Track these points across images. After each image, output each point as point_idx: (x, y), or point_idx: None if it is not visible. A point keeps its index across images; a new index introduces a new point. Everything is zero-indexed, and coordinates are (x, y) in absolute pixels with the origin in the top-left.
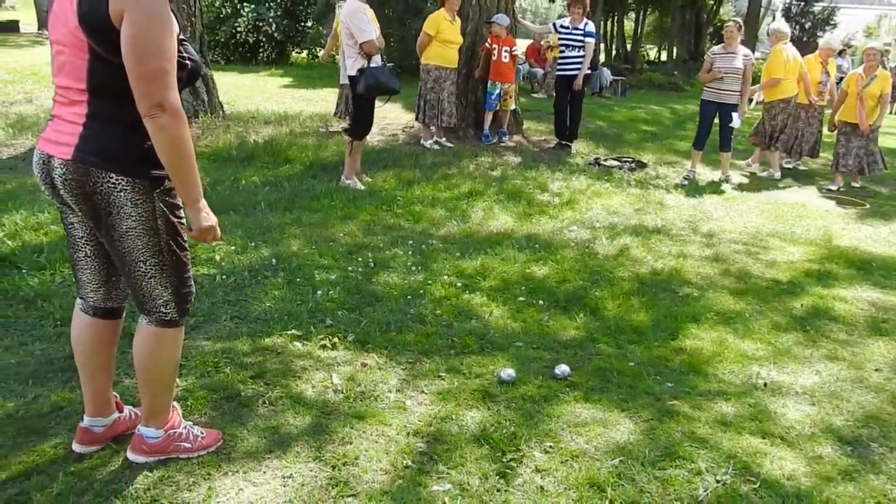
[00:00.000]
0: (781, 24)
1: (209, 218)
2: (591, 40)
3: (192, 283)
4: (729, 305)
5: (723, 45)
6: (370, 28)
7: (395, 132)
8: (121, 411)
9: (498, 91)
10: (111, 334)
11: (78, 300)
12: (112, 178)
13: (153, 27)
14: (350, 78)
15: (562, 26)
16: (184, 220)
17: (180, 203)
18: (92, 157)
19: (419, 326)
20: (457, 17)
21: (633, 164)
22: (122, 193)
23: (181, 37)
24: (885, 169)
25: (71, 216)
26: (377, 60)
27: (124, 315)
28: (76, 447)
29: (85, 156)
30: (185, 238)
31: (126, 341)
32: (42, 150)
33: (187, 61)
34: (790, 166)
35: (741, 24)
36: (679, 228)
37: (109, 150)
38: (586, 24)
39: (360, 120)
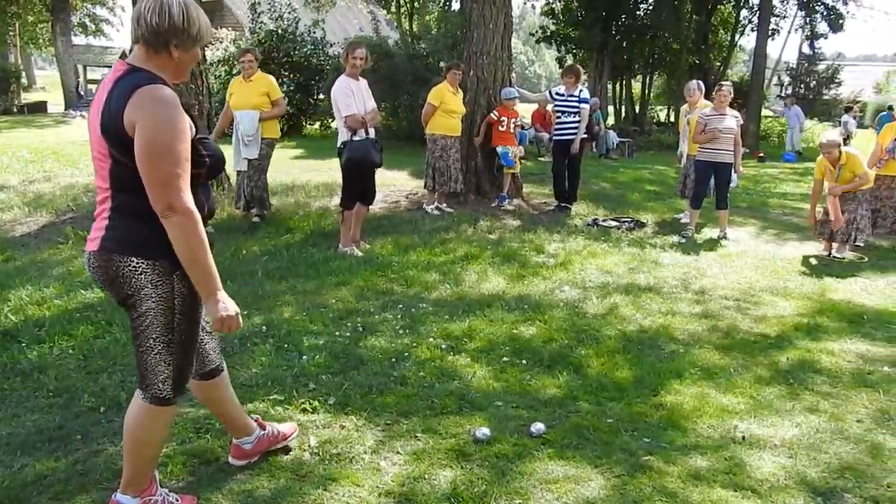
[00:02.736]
0: None
1: (228, 308)
2: (587, 106)
3: (192, 365)
4: (714, 361)
5: (713, 107)
6: (353, 103)
7: (399, 199)
8: (264, 429)
9: (510, 151)
10: (221, 387)
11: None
12: (133, 261)
13: (163, 135)
14: (338, 150)
15: (557, 94)
16: (200, 304)
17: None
18: (114, 244)
19: (400, 388)
20: (459, 90)
21: (631, 224)
22: (142, 276)
23: (200, 136)
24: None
25: None
26: (361, 134)
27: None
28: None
29: (109, 244)
30: (201, 319)
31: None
32: (86, 251)
33: (206, 159)
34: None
35: (732, 89)
36: (671, 286)
37: (130, 237)
38: (580, 90)
39: (346, 191)
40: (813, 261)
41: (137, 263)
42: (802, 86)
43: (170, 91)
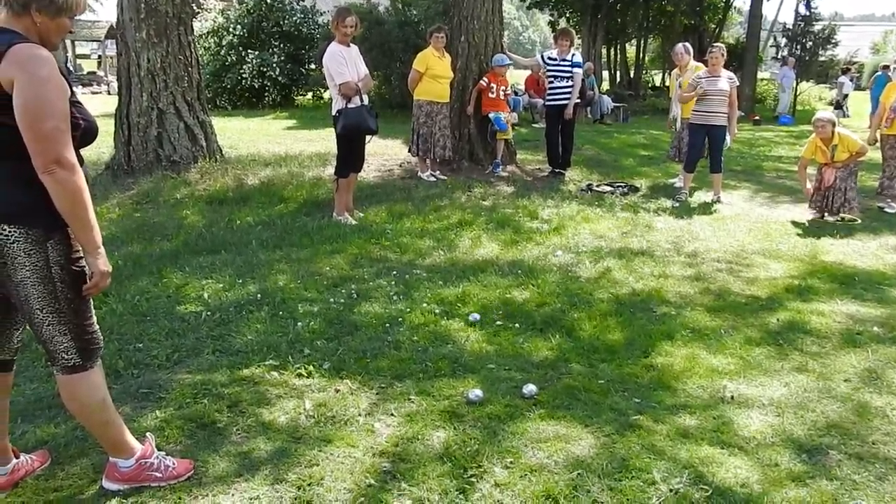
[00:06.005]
0: None
1: (106, 263)
2: (580, 70)
3: (96, 330)
4: (704, 322)
5: (707, 69)
6: (346, 70)
7: (392, 167)
8: (17, 458)
9: (502, 116)
10: (3, 386)
11: None
12: (5, 229)
13: (44, 90)
14: (333, 118)
15: (549, 58)
16: (84, 269)
17: (79, 252)
18: None
19: (394, 353)
20: (446, 54)
21: (625, 189)
22: (14, 245)
23: (74, 99)
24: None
25: None
26: (356, 101)
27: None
28: None
29: None
30: (87, 285)
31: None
32: None
33: (81, 121)
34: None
35: (725, 51)
36: (664, 250)
37: (4, 205)
38: (573, 55)
39: (341, 159)
40: (806, 224)
41: (10, 232)
42: (798, 47)
43: (45, 50)
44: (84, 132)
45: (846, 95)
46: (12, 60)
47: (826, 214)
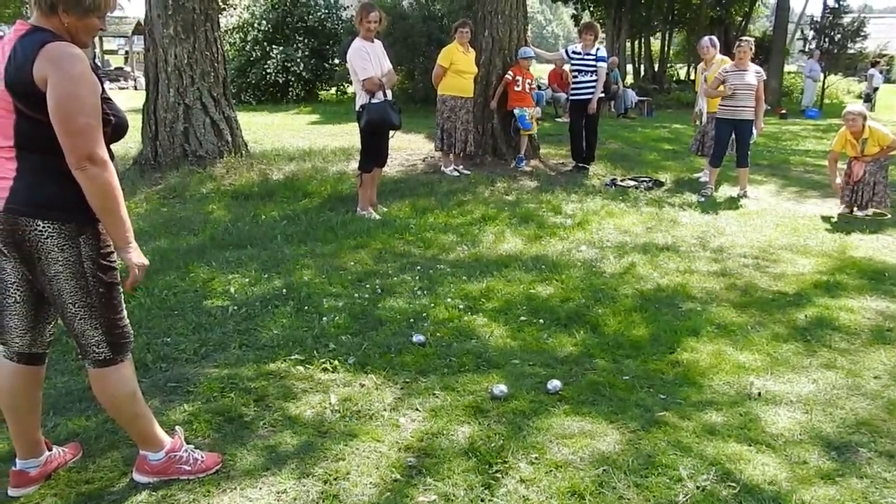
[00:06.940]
0: None
1: (140, 256)
2: (604, 65)
3: (126, 324)
4: (731, 318)
5: (733, 63)
6: (370, 66)
7: (416, 162)
8: (50, 450)
9: (527, 113)
10: (35, 379)
11: (0, 348)
12: (39, 224)
13: (76, 87)
14: (356, 113)
15: (574, 52)
16: (115, 264)
17: (110, 247)
18: (20, 206)
19: (418, 348)
20: (470, 49)
21: (649, 184)
22: (48, 239)
23: (105, 95)
24: None
25: (4, 262)
26: (379, 96)
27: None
28: (12, 492)
29: (14, 206)
30: (117, 280)
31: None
32: None
33: (112, 117)
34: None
35: (752, 44)
36: (689, 245)
37: (37, 199)
38: (598, 49)
39: (365, 154)
40: (834, 218)
41: (44, 226)
42: (827, 40)
43: (77, 48)
44: (115, 128)
45: (876, 88)
46: (45, 59)
47: (855, 209)
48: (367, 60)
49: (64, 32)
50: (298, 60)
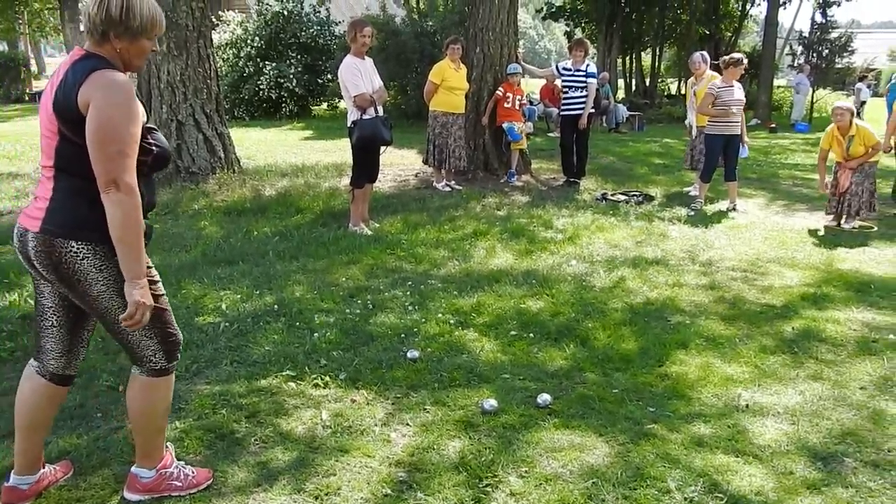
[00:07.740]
0: None
1: (146, 295)
2: (594, 80)
3: (176, 330)
4: (719, 331)
5: (722, 79)
6: (361, 82)
7: (408, 178)
8: (42, 468)
9: (515, 126)
10: (58, 399)
11: (33, 362)
12: (73, 246)
13: (115, 114)
14: (348, 129)
15: (564, 68)
16: (154, 274)
17: (148, 261)
18: (55, 227)
19: (409, 363)
20: (462, 65)
21: (640, 198)
22: (84, 261)
23: (149, 125)
24: None
25: (42, 286)
26: (371, 112)
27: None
28: None
29: (50, 227)
30: (160, 291)
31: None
32: (20, 225)
33: (153, 147)
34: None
35: (742, 60)
36: (678, 258)
37: (71, 221)
38: (588, 65)
39: (357, 170)
40: (822, 231)
41: (79, 248)
42: (815, 55)
43: (124, 77)
44: (156, 158)
45: (864, 102)
46: (91, 85)
47: (842, 221)
48: (359, 77)
49: (117, 58)
50: (291, 76)
